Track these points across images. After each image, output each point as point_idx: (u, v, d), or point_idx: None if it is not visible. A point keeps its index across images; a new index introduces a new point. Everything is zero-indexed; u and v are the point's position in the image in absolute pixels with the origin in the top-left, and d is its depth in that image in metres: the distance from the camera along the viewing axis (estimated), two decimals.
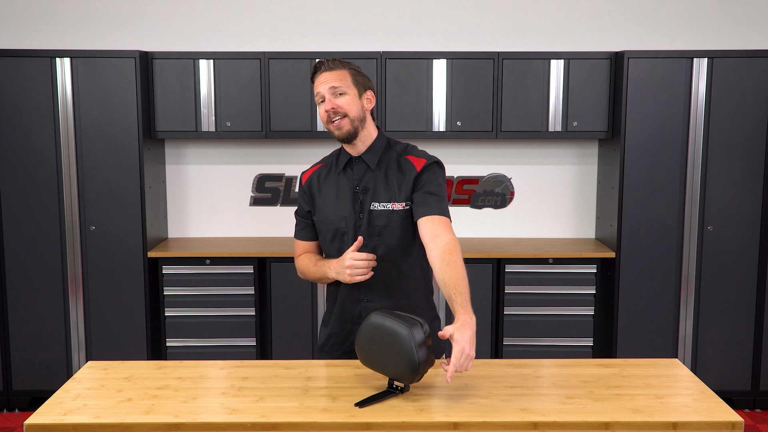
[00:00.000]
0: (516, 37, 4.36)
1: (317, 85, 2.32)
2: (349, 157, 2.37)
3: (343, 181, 2.37)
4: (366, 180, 2.35)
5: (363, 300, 2.36)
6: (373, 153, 2.36)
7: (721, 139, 3.97)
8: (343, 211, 2.34)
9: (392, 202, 2.32)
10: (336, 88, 2.28)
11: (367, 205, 2.32)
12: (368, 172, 2.35)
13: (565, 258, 4.07)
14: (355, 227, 2.33)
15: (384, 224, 2.31)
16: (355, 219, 2.33)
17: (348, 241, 2.33)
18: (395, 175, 2.33)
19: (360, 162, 2.36)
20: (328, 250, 2.40)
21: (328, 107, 2.28)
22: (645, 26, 4.35)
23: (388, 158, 2.36)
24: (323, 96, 2.30)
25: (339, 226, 2.34)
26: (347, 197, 2.35)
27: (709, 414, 1.87)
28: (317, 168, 2.45)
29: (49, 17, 4.33)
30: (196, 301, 4.09)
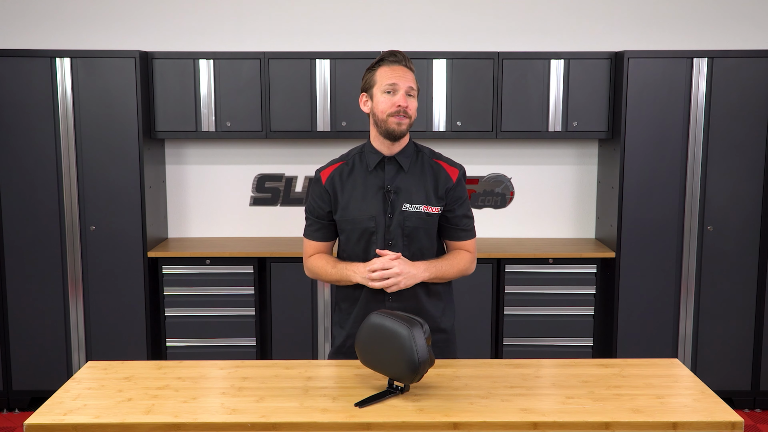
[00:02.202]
0: (516, 37, 4.36)
1: (392, 77, 2.30)
2: (381, 157, 2.36)
3: (372, 180, 2.36)
4: (398, 181, 2.35)
5: (388, 300, 2.35)
6: (405, 155, 2.38)
7: (721, 139, 3.97)
8: (372, 210, 2.34)
9: (425, 204, 2.35)
10: (413, 90, 2.32)
11: (398, 206, 2.33)
12: (400, 172, 2.37)
13: (565, 258, 4.07)
14: (384, 227, 2.33)
15: (415, 225, 2.34)
16: (384, 219, 2.33)
17: (376, 241, 2.34)
18: (428, 179, 2.37)
19: (392, 162, 2.37)
20: (353, 250, 2.38)
21: (403, 103, 2.29)
22: (645, 26, 4.35)
23: (420, 161, 2.40)
24: (398, 89, 2.29)
25: (368, 225, 2.34)
26: (376, 197, 2.34)
27: (709, 414, 1.87)
28: (337, 166, 2.42)
29: (49, 17, 4.33)
30: (196, 301, 4.09)
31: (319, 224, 2.43)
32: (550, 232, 4.54)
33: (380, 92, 2.31)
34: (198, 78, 4.07)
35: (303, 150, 4.43)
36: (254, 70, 4.06)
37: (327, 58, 4.04)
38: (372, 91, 2.34)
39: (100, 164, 3.99)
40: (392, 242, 2.34)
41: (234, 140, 4.42)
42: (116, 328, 4.08)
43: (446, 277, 2.40)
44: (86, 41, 4.29)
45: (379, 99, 2.31)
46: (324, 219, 2.42)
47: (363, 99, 2.38)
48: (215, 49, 4.24)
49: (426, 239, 2.37)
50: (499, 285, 4.09)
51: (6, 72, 3.91)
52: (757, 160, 3.98)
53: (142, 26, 4.34)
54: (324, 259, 2.42)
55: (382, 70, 2.32)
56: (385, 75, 2.31)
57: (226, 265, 4.09)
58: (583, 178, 4.49)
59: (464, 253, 2.46)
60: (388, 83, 2.30)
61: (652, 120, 3.96)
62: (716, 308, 4.07)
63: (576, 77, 4.06)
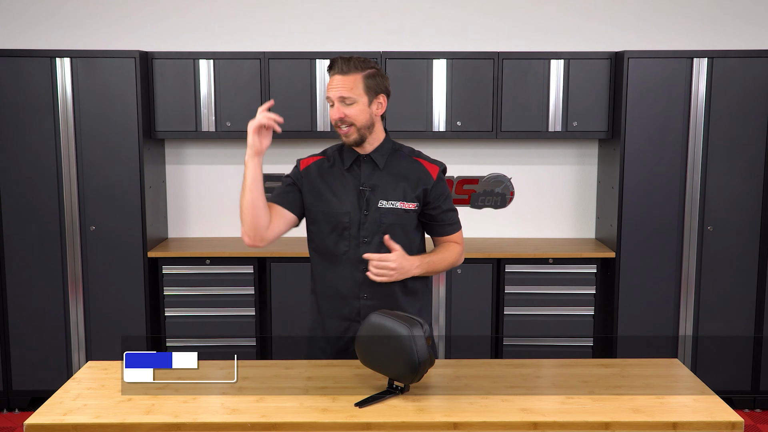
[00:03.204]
0: (516, 37, 4.36)
1: (329, 88, 2.34)
2: (357, 155, 2.39)
3: (349, 178, 2.38)
4: (374, 178, 2.37)
5: (363, 297, 2.36)
6: (380, 153, 2.39)
7: (721, 139, 3.96)
8: (347, 206, 2.36)
9: (402, 201, 2.36)
10: (345, 99, 2.31)
11: (373, 203, 2.35)
12: (376, 170, 2.38)
13: (565, 258, 4.07)
14: (359, 223, 2.34)
15: (392, 222, 2.35)
16: (359, 216, 2.34)
17: (349, 236, 2.35)
18: (406, 176, 2.39)
19: (368, 160, 2.39)
20: (323, 242, 2.40)
21: (336, 116, 2.32)
22: (645, 26, 4.35)
23: (397, 159, 2.41)
24: (332, 101, 2.33)
25: (341, 220, 2.35)
26: (352, 194, 2.36)
27: (709, 414, 1.87)
28: (317, 159, 2.47)
29: (49, 17, 4.33)
30: (196, 301, 4.09)
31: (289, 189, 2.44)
32: (550, 232, 4.54)
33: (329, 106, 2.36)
34: (198, 78, 4.07)
35: (303, 150, 4.39)
36: (254, 70, 4.06)
37: (327, 58, 4.04)
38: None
39: (100, 164, 3.99)
40: (367, 239, 2.34)
41: (234, 140, 4.41)
42: (116, 328, 4.07)
43: (437, 270, 2.42)
44: (86, 41, 4.29)
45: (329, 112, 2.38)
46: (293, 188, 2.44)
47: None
48: (215, 49, 4.24)
49: (403, 235, 2.36)
50: (499, 285, 4.08)
51: (6, 72, 3.91)
52: (757, 160, 3.98)
53: (142, 26, 4.34)
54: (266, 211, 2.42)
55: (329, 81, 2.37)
56: (327, 87, 2.36)
57: (226, 265, 4.08)
58: (583, 178, 4.49)
59: (454, 245, 2.47)
60: (327, 98, 2.35)
61: (652, 120, 3.96)
62: (716, 308, 4.07)
63: (576, 77, 4.06)
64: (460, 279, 4.05)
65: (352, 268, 2.35)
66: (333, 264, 2.38)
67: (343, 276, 2.36)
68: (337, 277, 2.37)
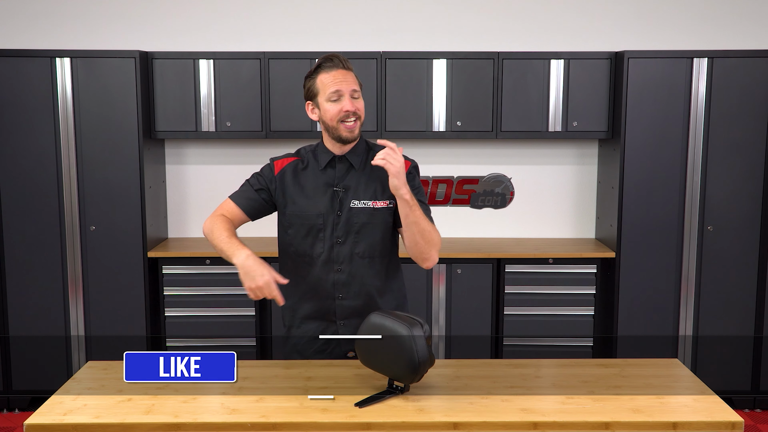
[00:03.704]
0: (516, 37, 4.36)
1: (334, 82, 2.28)
2: (332, 156, 2.37)
3: (323, 178, 2.37)
4: (348, 179, 2.36)
5: (338, 297, 2.35)
6: (356, 153, 2.38)
7: (721, 139, 3.97)
8: (320, 208, 2.35)
9: (374, 200, 2.35)
10: (356, 91, 2.30)
11: (346, 203, 2.34)
12: (351, 170, 2.37)
13: (565, 258, 4.07)
14: (333, 224, 2.34)
15: (364, 221, 2.34)
16: (333, 216, 2.34)
17: (324, 237, 2.34)
18: (378, 175, 2.36)
19: (343, 161, 2.37)
20: (301, 245, 2.38)
21: (351, 108, 2.28)
22: (645, 26, 4.35)
23: (370, 158, 2.38)
24: (342, 94, 2.28)
25: (315, 222, 2.35)
26: (325, 195, 2.35)
27: (709, 414, 1.87)
28: (291, 161, 2.42)
29: (49, 17, 4.33)
30: (196, 301, 4.09)
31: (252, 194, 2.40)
32: (550, 232, 4.54)
33: (325, 101, 2.30)
34: (198, 78, 4.07)
35: None
36: (254, 70, 4.06)
37: None
38: (317, 100, 2.33)
39: (100, 164, 3.99)
40: (341, 239, 2.34)
41: (234, 140, 4.42)
42: (116, 328, 4.07)
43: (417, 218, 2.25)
44: (86, 41, 4.29)
45: (326, 107, 2.30)
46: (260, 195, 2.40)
47: (309, 107, 2.37)
48: (215, 49, 4.24)
49: (377, 234, 2.35)
50: (499, 285, 4.09)
51: (6, 72, 3.91)
52: (757, 160, 3.98)
53: (142, 26, 4.34)
54: (226, 224, 2.35)
55: (322, 77, 2.31)
56: (327, 82, 2.30)
57: (226, 265, 4.02)
58: (583, 178, 4.49)
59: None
60: (331, 91, 2.29)
61: (652, 120, 3.96)
62: (716, 308, 4.07)
63: (576, 77, 4.06)
64: (460, 279, 4.06)
65: (327, 269, 2.35)
66: (309, 265, 2.37)
67: (318, 277, 2.36)
68: (313, 279, 2.36)
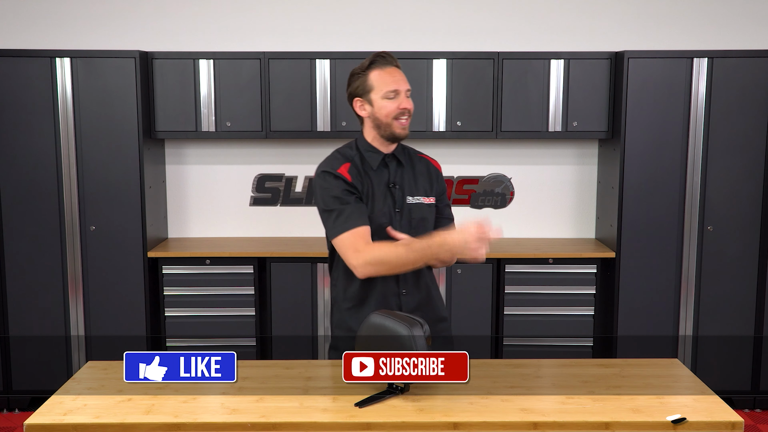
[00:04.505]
0: (516, 37, 4.36)
1: (392, 81, 2.32)
2: (382, 155, 2.40)
3: (379, 178, 2.39)
4: (399, 176, 2.41)
5: (402, 293, 2.37)
6: (398, 151, 2.44)
7: (721, 139, 3.97)
8: (384, 207, 2.37)
9: (424, 196, 2.42)
10: (409, 90, 2.37)
11: (403, 200, 2.39)
12: (399, 168, 2.42)
13: (565, 258, 4.07)
14: (396, 221, 2.37)
15: (421, 216, 2.40)
16: (393, 214, 2.37)
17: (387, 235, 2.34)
18: (422, 173, 2.45)
19: (392, 159, 2.42)
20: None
21: (408, 106, 2.34)
22: (645, 26, 4.35)
23: (409, 156, 2.47)
24: (399, 92, 2.33)
25: (382, 222, 2.35)
26: (385, 194, 2.38)
27: (709, 414, 1.87)
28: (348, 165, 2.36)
29: (49, 17, 4.33)
30: (196, 301, 4.09)
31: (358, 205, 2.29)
32: (550, 232, 4.54)
33: (381, 98, 2.32)
34: (198, 78, 4.07)
35: (303, 150, 4.43)
36: (254, 70, 4.06)
37: (327, 58, 4.04)
38: (369, 96, 2.34)
39: (100, 164, 3.99)
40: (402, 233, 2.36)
41: (234, 140, 4.42)
42: (116, 328, 4.07)
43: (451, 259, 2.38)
44: (86, 41, 4.29)
45: (382, 104, 2.32)
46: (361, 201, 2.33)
47: (359, 104, 2.38)
48: (215, 49, 4.24)
49: (429, 228, 2.41)
50: (499, 285, 4.09)
51: (6, 72, 3.91)
52: (757, 160, 3.98)
53: (142, 26, 4.34)
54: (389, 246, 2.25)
55: (376, 73, 2.34)
56: (383, 80, 2.33)
57: (226, 265, 4.08)
58: (583, 178, 4.49)
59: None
60: (389, 89, 2.32)
61: (652, 120, 3.96)
62: (716, 308, 4.07)
63: (576, 77, 4.06)
64: (460, 279, 4.06)
65: None
66: None
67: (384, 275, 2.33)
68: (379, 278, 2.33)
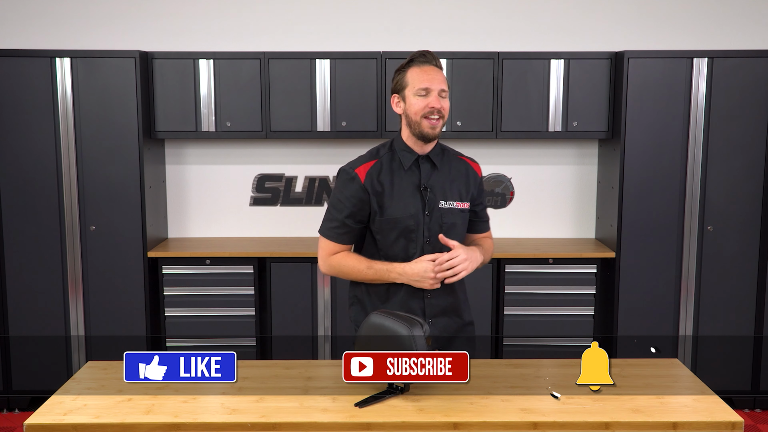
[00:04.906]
0: (516, 37, 4.36)
1: (426, 79, 2.29)
2: (416, 156, 2.37)
3: (408, 179, 2.36)
4: (432, 179, 2.38)
5: (427, 297, 2.36)
6: (435, 153, 2.40)
7: (721, 139, 3.97)
8: (411, 209, 2.34)
9: (458, 201, 2.40)
10: (443, 91, 2.31)
11: (434, 203, 2.35)
12: (433, 171, 2.39)
13: (565, 258, 4.07)
14: (423, 225, 2.34)
15: (452, 222, 2.38)
16: (423, 217, 2.34)
17: (416, 239, 2.33)
18: (458, 176, 2.43)
19: (426, 161, 2.38)
20: (392, 250, 2.35)
21: (437, 105, 2.29)
22: (645, 26, 4.35)
23: (447, 159, 2.44)
24: (431, 91, 2.29)
25: (408, 224, 2.33)
26: (414, 195, 2.35)
27: (709, 414, 1.88)
28: (372, 164, 2.36)
29: (49, 17, 4.33)
30: (196, 301, 4.09)
31: (347, 228, 2.36)
32: (550, 232, 4.54)
33: (413, 95, 2.30)
34: (198, 78, 4.07)
35: (303, 150, 4.43)
36: (254, 70, 4.06)
37: (327, 58, 4.04)
38: (404, 93, 2.33)
39: (100, 164, 3.99)
40: (430, 240, 2.34)
41: (234, 140, 4.42)
42: (116, 328, 4.07)
43: (486, 261, 2.51)
44: (86, 41, 4.29)
45: (412, 101, 2.30)
46: (354, 223, 2.36)
47: (395, 100, 2.37)
48: (215, 49, 4.24)
49: (461, 234, 2.42)
50: (499, 285, 4.09)
51: (6, 72, 3.91)
52: (757, 160, 3.98)
53: (142, 26, 4.34)
54: (354, 258, 2.37)
55: (412, 71, 2.32)
56: (417, 77, 2.30)
57: (226, 265, 4.08)
58: (583, 178, 4.49)
59: (489, 240, 2.59)
60: (421, 87, 2.29)
61: (652, 120, 3.96)
62: (716, 308, 4.07)
63: (576, 77, 4.06)
64: None
65: None
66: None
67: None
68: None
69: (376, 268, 2.32)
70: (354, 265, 2.35)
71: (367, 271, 2.33)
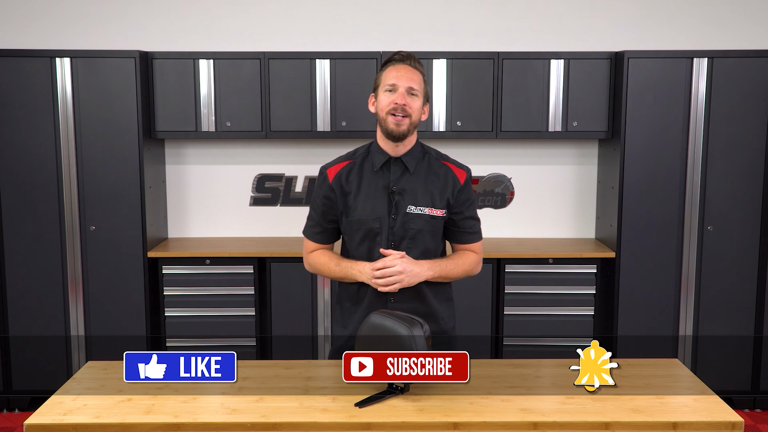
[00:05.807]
0: (516, 37, 4.36)
1: (393, 76, 2.29)
2: (388, 157, 2.35)
3: (378, 180, 2.34)
4: (403, 182, 2.34)
5: (390, 301, 2.34)
6: (411, 156, 2.37)
7: (721, 139, 3.97)
8: (377, 211, 2.32)
9: (430, 207, 2.34)
10: (412, 90, 2.29)
11: (402, 208, 2.32)
12: (405, 174, 2.35)
13: (565, 258, 4.07)
14: (388, 228, 2.32)
15: (419, 228, 2.33)
16: (388, 220, 2.32)
17: (381, 242, 2.32)
18: (434, 181, 2.36)
19: (398, 163, 2.36)
20: (357, 251, 2.37)
21: (400, 101, 2.27)
22: (645, 26, 4.35)
23: (427, 163, 2.39)
24: (397, 88, 2.28)
25: (372, 226, 2.32)
26: (381, 197, 2.33)
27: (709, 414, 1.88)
28: (345, 165, 2.39)
29: (49, 17, 4.33)
30: (196, 301, 4.09)
31: (320, 227, 2.42)
32: (550, 232, 4.54)
33: (382, 91, 2.31)
34: (198, 78, 4.07)
35: (303, 150, 4.43)
36: (254, 70, 4.06)
37: (327, 58, 4.04)
38: (377, 91, 2.34)
39: (100, 164, 3.99)
40: (395, 244, 2.33)
41: (234, 140, 4.42)
42: (116, 328, 4.07)
43: (450, 276, 2.40)
44: (86, 41, 4.29)
45: (381, 98, 2.32)
46: (326, 223, 2.40)
47: (371, 100, 2.38)
48: (215, 49, 4.24)
49: (431, 241, 2.36)
50: (499, 285, 4.08)
51: (6, 72, 3.91)
52: (757, 160, 3.98)
53: (142, 26, 4.34)
54: (326, 256, 2.41)
55: (387, 70, 2.33)
56: (389, 74, 2.31)
57: (226, 265, 4.08)
58: (583, 178, 4.49)
59: (469, 253, 2.46)
60: (389, 83, 2.30)
61: (652, 120, 3.96)
62: (716, 308, 4.07)
63: (576, 77, 4.06)
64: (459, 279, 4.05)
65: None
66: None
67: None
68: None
69: (343, 266, 2.35)
70: (325, 263, 2.40)
71: (336, 268, 2.36)
